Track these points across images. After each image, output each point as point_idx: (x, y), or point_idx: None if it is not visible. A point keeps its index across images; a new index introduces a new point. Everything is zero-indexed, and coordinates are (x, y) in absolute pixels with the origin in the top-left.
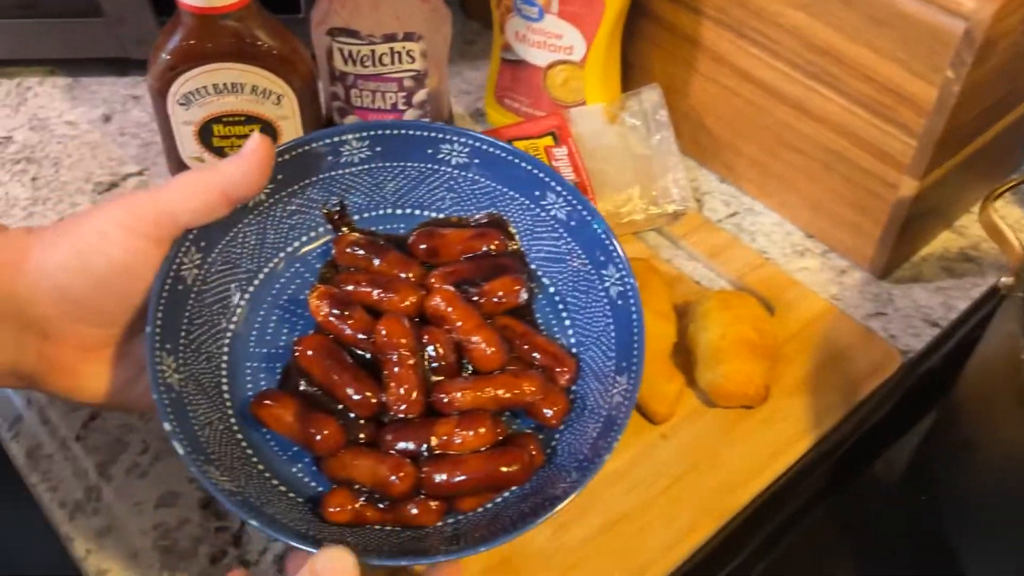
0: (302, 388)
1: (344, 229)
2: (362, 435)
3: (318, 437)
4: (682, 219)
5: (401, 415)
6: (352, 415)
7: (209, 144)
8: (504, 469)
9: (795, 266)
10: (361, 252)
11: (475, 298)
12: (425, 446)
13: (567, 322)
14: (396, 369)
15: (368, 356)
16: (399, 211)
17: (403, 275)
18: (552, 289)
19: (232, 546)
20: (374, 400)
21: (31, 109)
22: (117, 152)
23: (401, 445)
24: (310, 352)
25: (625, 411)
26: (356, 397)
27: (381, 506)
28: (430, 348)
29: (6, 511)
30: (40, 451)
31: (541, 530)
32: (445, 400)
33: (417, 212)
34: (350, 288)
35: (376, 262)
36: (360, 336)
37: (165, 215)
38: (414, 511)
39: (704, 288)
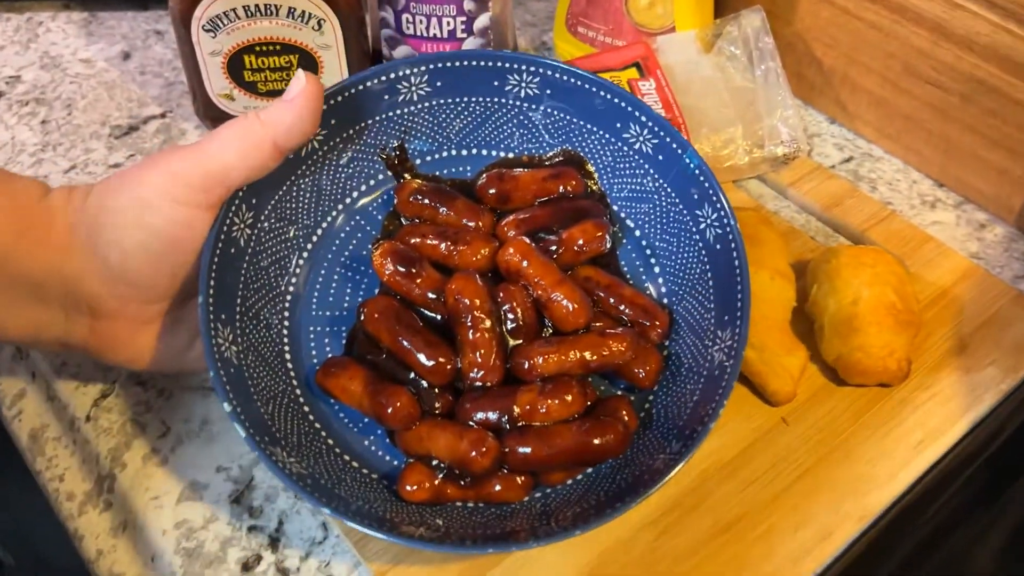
0: (369, 356)
1: (405, 175)
2: (437, 405)
3: (389, 410)
4: (791, 165)
5: (479, 383)
6: (425, 384)
7: (240, 79)
8: (597, 441)
9: (925, 220)
10: (425, 200)
11: (553, 248)
12: (507, 417)
13: (656, 270)
14: (471, 333)
15: (439, 318)
16: (464, 152)
17: (472, 224)
18: (638, 233)
19: (268, 549)
20: (448, 367)
21: (42, 46)
22: (137, 93)
23: (480, 416)
24: (376, 315)
25: (730, 371)
26: (429, 364)
27: (462, 482)
28: (506, 307)
29: (24, 496)
30: (45, 433)
31: (642, 533)
32: (527, 366)
33: (484, 152)
34: (415, 242)
35: (442, 211)
36: (430, 295)
37: (214, 179)
38: (498, 487)
39: (820, 245)
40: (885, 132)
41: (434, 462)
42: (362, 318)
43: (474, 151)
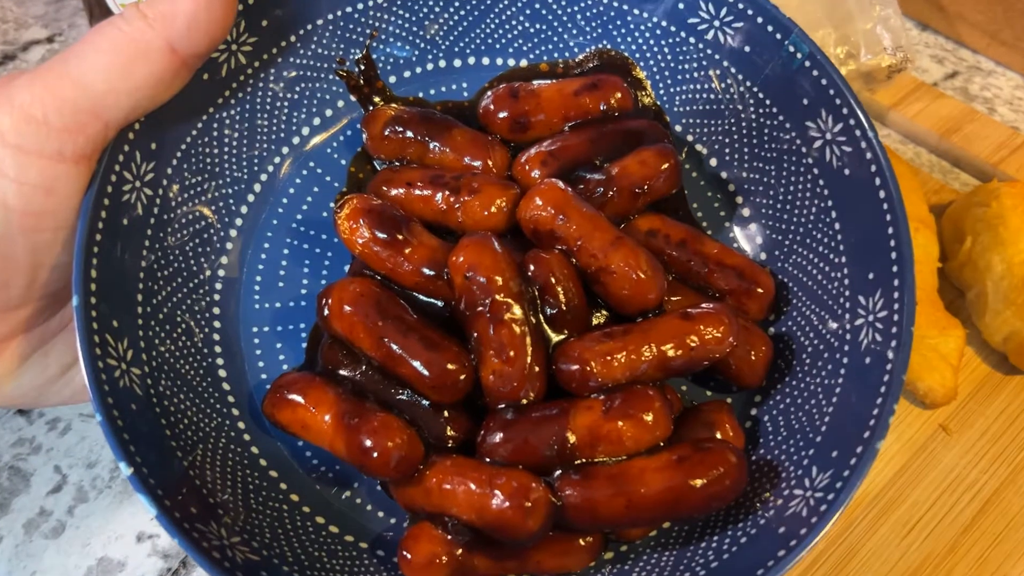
0: (342, 369)
1: (376, 100)
2: (450, 435)
3: (376, 453)
4: (893, 81)
5: (510, 400)
6: (427, 404)
7: None
8: (698, 483)
9: None
10: (408, 133)
11: (599, 191)
12: (558, 449)
13: (745, 212)
14: (493, 326)
15: (442, 305)
16: (457, 62)
17: (478, 164)
18: (714, 162)
19: None
20: (461, 377)
21: None
22: (14, 11)
23: (518, 450)
24: (348, 307)
25: (895, 356)
26: (431, 374)
27: (496, 549)
28: (541, 284)
29: None
30: None
31: None
32: (580, 372)
33: (485, 60)
34: (398, 194)
35: (434, 147)
36: (426, 272)
37: (83, 112)
38: (552, 554)
39: (941, 183)
40: (999, 37)
41: (450, 521)
42: (326, 312)
43: (471, 60)
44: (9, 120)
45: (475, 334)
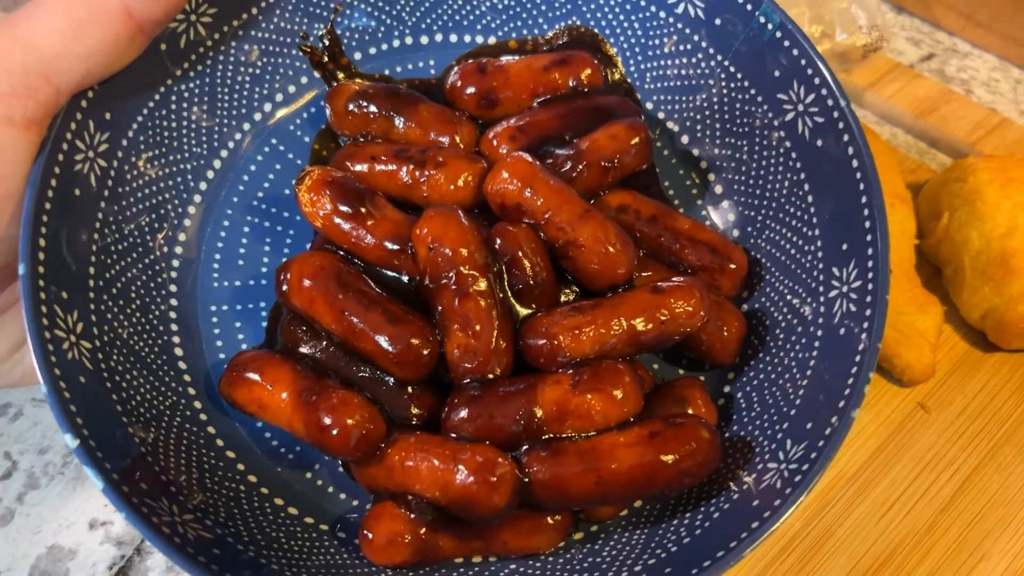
0: (302, 347)
1: (340, 75)
2: (414, 411)
3: (336, 431)
4: (868, 62)
5: (475, 375)
6: (392, 381)
7: None
8: (670, 458)
9: None
10: (372, 108)
11: (568, 165)
12: (525, 424)
13: (717, 190)
14: (458, 300)
15: (406, 280)
16: (424, 38)
17: (445, 139)
18: (685, 139)
19: None
20: (425, 352)
21: None
22: None
23: (483, 426)
24: (307, 281)
25: (870, 325)
26: (393, 350)
27: (461, 528)
28: (508, 258)
29: None
30: None
31: None
32: (547, 346)
33: (452, 38)
34: (362, 169)
35: (399, 123)
36: (389, 246)
37: (34, 75)
38: (519, 533)
39: (918, 163)
40: (975, 19)
41: (413, 500)
42: (285, 287)
43: (438, 36)
44: None
45: (439, 307)
